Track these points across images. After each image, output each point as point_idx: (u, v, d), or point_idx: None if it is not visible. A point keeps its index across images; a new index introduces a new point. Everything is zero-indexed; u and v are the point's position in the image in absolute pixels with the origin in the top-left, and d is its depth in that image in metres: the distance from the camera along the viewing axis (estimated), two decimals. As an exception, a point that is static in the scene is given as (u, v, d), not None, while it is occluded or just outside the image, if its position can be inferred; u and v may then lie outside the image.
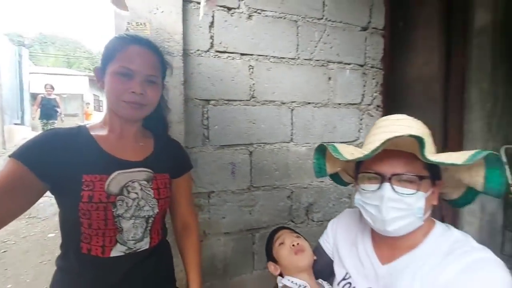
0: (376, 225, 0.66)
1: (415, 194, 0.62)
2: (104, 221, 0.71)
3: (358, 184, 0.71)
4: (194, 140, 1.34)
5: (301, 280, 0.85)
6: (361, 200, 0.70)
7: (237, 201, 1.45)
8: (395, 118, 0.72)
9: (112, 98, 0.75)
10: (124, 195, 0.74)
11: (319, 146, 0.77)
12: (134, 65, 0.74)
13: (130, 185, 0.75)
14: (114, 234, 0.73)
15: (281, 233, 0.98)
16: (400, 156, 0.64)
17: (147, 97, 0.76)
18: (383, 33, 1.72)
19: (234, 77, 1.39)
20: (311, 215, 1.61)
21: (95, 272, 0.73)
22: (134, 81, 0.74)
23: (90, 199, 0.69)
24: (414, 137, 0.57)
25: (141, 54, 0.76)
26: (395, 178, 0.63)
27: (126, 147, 0.79)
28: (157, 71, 0.79)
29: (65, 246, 0.77)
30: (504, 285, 0.53)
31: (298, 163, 1.55)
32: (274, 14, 1.44)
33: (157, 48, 0.83)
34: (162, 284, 0.86)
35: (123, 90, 0.73)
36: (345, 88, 1.64)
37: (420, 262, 0.63)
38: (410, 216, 0.62)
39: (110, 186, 0.72)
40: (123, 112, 0.76)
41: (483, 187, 0.59)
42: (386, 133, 0.67)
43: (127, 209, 0.74)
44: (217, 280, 1.43)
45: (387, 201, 0.62)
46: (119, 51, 0.75)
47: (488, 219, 2.14)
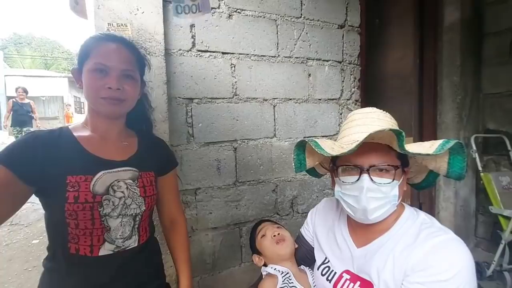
0: (357, 215, 0.70)
1: (391, 183, 0.67)
2: (91, 220, 0.71)
3: (337, 177, 0.74)
4: (179, 138, 1.36)
5: (284, 267, 0.90)
6: (341, 192, 0.73)
7: (224, 197, 1.48)
8: (366, 111, 0.76)
9: (91, 96, 0.75)
10: (110, 194, 0.74)
11: (300, 142, 0.78)
12: (108, 60, 0.74)
13: (115, 184, 0.75)
14: (102, 233, 0.73)
15: (262, 226, 1.03)
16: (376, 148, 0.68)
17: (125, 92, 0.76)
18: (359, 30, 1.79)
19: (217, 75, 1.43)
20: (295, 207, 1.67)
21: (84, 272, 0.73)
22: (110, 77, 0.74)
23: (75, 199, 0.69)
24: (395, 131, 0.61)
25: (115, 50, 0.76)
26: (372, 169, 0.67)
27: (110, 147, 0.79)
28: (133, 66, 0.79)
29: (53, 247, 0.76)
30: (464, 260, 0.60)
31: (281, 158, 1.61)
32: (253, 14, 1.48)
33: (132, 44, 0.82)
34: (152, 280, 0.86)
35: (100, 86, 0.73)
36: (324, 84, 1.70)
37: (392, 244, 0.68)
38: (387, 204, 0.67)
39: (95, 186, 0.72)
40: (103, 109, 0.76)
41: (446, 172, 0.65)
42: (361, 126, 0.71)
43: (113, 208, 0.74)
44: (206, 274, 1.47)
45: (367, 191, 0.66)
46: (93, 49, 0.75)
47: (462, 204, 2.28)
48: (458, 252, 0.61)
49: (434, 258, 0.60)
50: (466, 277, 0.58)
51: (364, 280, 0.70)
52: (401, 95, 2.38)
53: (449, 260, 0.59)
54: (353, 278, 0.73)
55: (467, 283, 0.58)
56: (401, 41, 2.33)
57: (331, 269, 0.80)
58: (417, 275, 0.60)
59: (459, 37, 2.10)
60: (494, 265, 1.85)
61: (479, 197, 2.32)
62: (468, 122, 2.22)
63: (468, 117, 2.22)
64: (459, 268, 0.58)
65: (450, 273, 0.57)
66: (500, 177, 2.02)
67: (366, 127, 0.70)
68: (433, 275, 0.58)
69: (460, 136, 2.21)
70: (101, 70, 0.73)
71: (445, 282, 0.57)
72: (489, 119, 2.25)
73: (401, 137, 0.61)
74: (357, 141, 0.65)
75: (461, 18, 2.07)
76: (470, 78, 2.18)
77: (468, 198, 2.31)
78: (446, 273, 0.58)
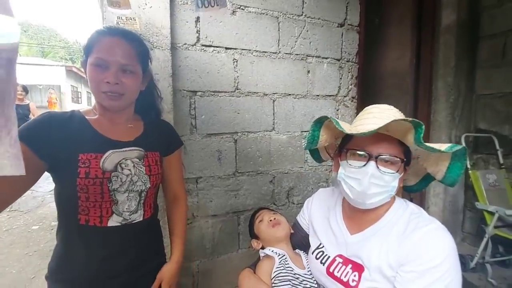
0: (355, 197, 0.74)
1: (394, 174, 0.72)
2: (100, 194, 0.77)
3: (345, 159, 0.77)
4: (183, 129, 1.42)
5: (280, 249, 0.98)
6: (344, 174, 0.76)
7: (224, 186, 1.55)
8: (384, 107, 0.80)
9: (93, 89, 0.80)
10: (118, 171, 0.80)
11: (319, 118, 0.78)
12: (108, 55, 0.77)
13: (123, 162, 0.81)
14: (110, 206, 0.79)
15: (260, 213, 1.10)
16: (387, 140, 0.71)
17: (124, 86, 0.79)
18: (358, 29, 1.85)
19: (220, 69, 1.48)
20: (291, 198, 1.75)
21: (95, 242, 0.80)
22: (109, 72, 0.77)
23: (86, 175, 0.75)
24: (415, 123, 0.63)
25: (114, 45, 0.78)
26: (380, 158, 0.71)
27: (118, 129, 0.85)
28: (132, 60, 0.81)
29: (63, 220, 0.82)
30: (449, 247, 0.67)
31: (280, 150, 1.68)
32: (256, 10, 1.53)
33: (133, 37, 0.84)
34: (153, 256, 0.94)
35: (100, 80, 0.77)
36: (323, 80, 1.76)
37: (386, 232, 0.74)
38: (385, 192, 0.73)
39: (105, 164, 0.78)
40: (104, 103, 0.81)
41: (443, 177, 0.71)
42: (378, 119, 0.74)
43: (121, 184, 0.80)
44: (206, 259, 1.55)
45: (370, 177, 0.70)
46: (96, 43, 0.78)
47: (451, 200, 2.37)
48: (444, 240, 0.67)
49: (423, 247, 0.67)
50: (452, 261, 0.65)
51: (355, 263, 0.76)
52: (397, 93, 2.46)
53: (437, 248, 0.66)
54: (345, 262, 0.79)
55: (454, 266, 0.65)
56: (399, 41, 2.39)
57: (325, 254, 0.85)
58: (411, 265, 0.66)
59: (455, 39, 2.17)
60: (478, 258, 1.96)
61: (468, 194, 2.42)
62: (460, 121, 2.30)
63: (460, 117, 2.30)
64: (445, 254, 0.65)
65: (439, 259, 0.64)
66: (487, 175, 2.11)
67: (383, 121, 0.72)
68: (425, 263, 0.65)
69: (452, 135, 2.29)
70: (101, 64, 0.77)
71: (435, 267, 0.64)
72: (480, 119, 2.33)
73: (420, 130, 0.63)
74: (379, 125, 0.68)
75: (457, 21, 2.14)
76: (464, 79, 2.25)
77: (457, 194, 2.41)
78: (435, 260, 0.64)
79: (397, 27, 2.39)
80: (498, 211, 1.90)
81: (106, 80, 0.77)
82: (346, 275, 0.77)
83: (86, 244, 0.80)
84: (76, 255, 0.80)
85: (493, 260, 1.99)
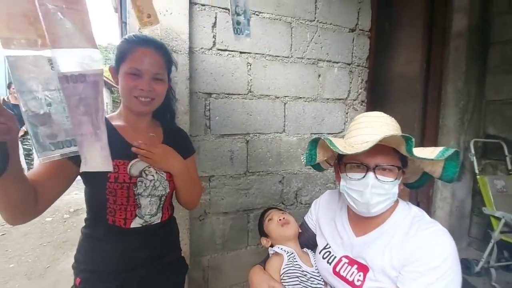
0: (360, 208, 0.78)
1: (393, 181, 0.76)
2: (126, 198, 0.85)
3: (344, 172, 0.80)
4: (197, 129, 1.49)
5: (289, 247, 1.03)
6: (346, 187, 0.79)
7: (235, 185, 1.62)
8: (375, 115, 0.84)
9: (125, 95, 0.87)
10: (143, 177, 0.87)
11: (314, 139, 0.84)
12: (142, 65, 0.83)
13: (147, 169, 0.89)
14: (134, 209, 0.87)
15: (269, 212, 1.16)
16: (382, 150, 0.74)
17: (154, 92, 0.86)
18: (369, 34, 1.88)
19: (234, 73, 1.54)
20: (299, 198, 1.80)
21: (118, 239, 0.88)
22: (142, 80, 0.83)
23: (115, 179, 0.83)
24: (405, 137, 0.68)
25: (148, 55, 0.85)
26: (377, 168, 0.74)
27: (141, 137, 0.91)
28: (162, 69, 0.88)
29: (92, 218, 0.91)
30: (449, 247, 0.71)
31: (289, 152, 1.73)
32: (270, 16, 1.58)
33: (163, 47, 0.92)
34: (170, 252, 1.01)
35: (133, 87, 0.83)
36: (333, 84, 1.80)
37: (390, 235, 0.78)
38: (387, 200, 0.77)
39: (131, 170, 0.86)
40: (135, 108, 0.88)
41: (440, 175, 0.75)
42: (369, 128, 0.79)
43: (145, 188, 0.88)
44: (216, 254, 1.61)
45: (371, 187, 0.73)
46: (129, 53, 0.84)
47: (458, 205, 2.39)
48: (444, 241, 0.71)
49: (425, 248, 0.70)
50: (452, 262, 0.69)
51: (360, 264, 0.81)
52: (406, 98, 2.48)
53: (438, 249, 0.70)
54: (351, 262, 0.83)
55: (453, 266, 0.69)
56: (410, 45, 2.41)
57: (331, 254, 0.90)
58: (413, 265, 0.70)
59: (466, 44, 2.18)
60: (483, 262, 1.98)
61: (475, 199, 2.43)
62: (469, 126, 2.31)
63: (469, 122, 2.31)
64: (446, 254, 0.69)
65: (439, 260, 0.68)
66: (495, 180, 2.13)
67: (375, 130, 0.78)
68: (426, 263, 0.69)
69: (461, 140, 2.31)
70: (135, 73, 0.84)
71: (436, 268, 0.68)
72: (489, 125, 2.34)
73: (410, 143, 0.69)
74: (367, 142, 0.73)
75: (468, 26, 2.15)
76: (474, 84, 2.26)
77: (464, 199, 2.42)
78: (436, 261, 0.68)
79: (408, 31, 2.41)
80: (504, 216, 1.92)
81: (140, 87, 0.84)
82: (352, 275, 0.81)
83: (110, 241, 0.87)
84: (100, 249, 0.88)
85: (498, 264, 2.01)
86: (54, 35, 0.38)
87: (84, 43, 0.39)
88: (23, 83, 0.37)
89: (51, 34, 0.38)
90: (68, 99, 0.37)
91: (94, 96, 0.36)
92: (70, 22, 0.38)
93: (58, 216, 3.94)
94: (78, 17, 0.40)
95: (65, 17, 0.38)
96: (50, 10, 0.37)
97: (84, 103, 0.37)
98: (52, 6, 0.37)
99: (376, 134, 0.75)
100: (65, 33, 0.38)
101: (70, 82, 0.37)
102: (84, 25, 0.40)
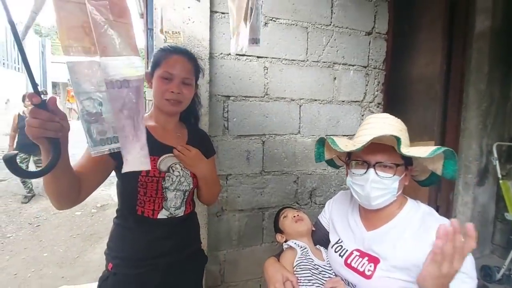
0: (362, 200, 0.86)
1: (392, 177, 0.82)
2: (155, 190, 0.95)
3: (349, 168, 0.90)
4: (216, 130, 1.57)
5: (303, 242, 1.08)
6: (351, 181, 0.88)
7: (251, 184, 1.69)
8: (381, 116, 0.91)
9: (157, 96, 0.97)
10: (170, 172, 0.97)
11: (320, 139, 0.96)
12: (174, 70, 0.94)
13: (174, 165, 0.98)
14: (161, 201, 0.97)
15: (284, 210, 1.22)
16: (383, 148, 0.81)
17: (183, 95, 0.96)
18: (386, 37, 1.89)
19: (251, 76, 1.61)
20: (314, 198, 1.84)
21: (146, 229, 0.97)
22: (173, 83, 0.94)
23: (147, 173, 0.92)
24: (394, 136, 0.76)
25: (180, 61, 0.96)
26: (378, 165, 0.81)
27: (169, 136, 1.02)
28: (191, 75, 0.99)
29: (123, 209, 1.00)
30: None
31: (304, 153, 1.78)
32: (287, 22, 1.64)
33: (193, 56, 1.04)
34: (192, 244, 1.10)
35: (165, 89, 0.94)
36: (348, 87, 1.83)
37: (401, 230, 0.83)
38: (387, 194, 0.83)
39: (160, 165, 0.95)
40: (165, 109, 0.98)
41: (441, 172, 0.81)
42: (374, 129, 0.86)
43: (171, 183, 0.97)
44: (232, 249, 1.69)
45: (371, 182, 0.81)
46: (163, 60, 0.96)
47: (480, 210, 2.32)
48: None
49: None
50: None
51: (371, 256, 0.86)
52: (425, 100, 2.44)
53: None
54: (362, 255, 0.88)
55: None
56: (429, 47, 2.38)
57: (343, 248, 0.95)
58: None
59: (489, 46, 2.12)
60: (504, 269, 1.92)
61: (499, 205, 2.34)
62: (492, 130, 2.24)
63: (492, 125, 2.24)
64: None
65: None
66: (520, 185, 2.05)
67: (377, 130, 0.84)
68: None
69: (483, 143, 2.24)
70: (167, 77, 0.95)
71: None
72: (514, 128, 2.26)
73: (399, 142, 0.76)
74: (367, 140, 0.80)
75: (491, 27, 2.09)
76: (497, 86, 2.19)
77: (487, 205, 2.34)
78: None
79: (428, 33, 2.38)
80: (528, 223, 1.85)
81: (171, 90, 0.94)
82: (363, 266, 0.86)
83: (139, 230, 0.97)
84: (130, 238, 0.98)
85: (522, 273, 1.94)
86: (103, 44, 0.46)
87: (129, 51, 0.47)
88: (80, 85, 0.46)
89: (100, 43, 0.45)
90: (113, 103, 0.45)
91: (136, 100, 0.44)
92: (117, 33, 0.46)
93: (87, 211, 4.20)
94: (123, 29, 0.47)
95: (112, 29, 0.46)
96: (99, 22, 0.45)
97: (128, 106, 0.44)
98: (102, 19, 0.45)
99: (376, 134, 0.80)
100: (111, 42, 0.46)
101: (115, 87, 0.45)
102: (129, 36, 0.48)
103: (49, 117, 0.55)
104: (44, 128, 0.56)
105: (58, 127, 0.57)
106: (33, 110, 0.55)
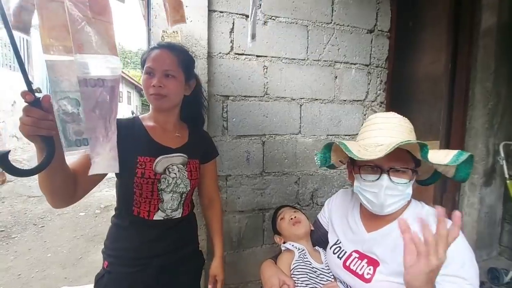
0: (374, 208, 0.81)
1: (407, 183, 0.78)
2: (151, 192, 0.93)
3: (358, 173, 0.83)
4: (215, 131, 1.56)
5: (300, 244, 1.06)
6: (360, 188, 0.83)
7: (251, 184, 1.66)
8: (387, 116, 0.86)
9: (145, 93, 0.96)
10: (166, 174, 0.95)
11: (328, 144, 0.90)
12: (154, 64, 0.92)
13: (170, 167, 0.97)
14: (157, 203, 0.96)
15: (281, 210, 1.20)
16: (396, 152, 0.74)
17: (166, 89, 0.92)
18: (388, 35, 1.85)
19: (250, 76, 1.59)
20: (315, 199, 1.81)
21: (142, 229, 0.96)
22: (154, 77, 0.92)
23: (142, 175, 0.91)
24: (421, 144, 0.71)
25: (160, 55, 0.94)
26: (392, 170, 0.76)
27: (168, 137, 1.01)
28: (174, 67, 0.94)
29: (120, 209, 1.00)
30: (464, 246, 0.73)
31: (305, 153, 1.75)
32: (287, 20, 1.62)
33: (178, 48, 1.00)
34: (188, 244, 1.09)
35: (148, 85, 0.93)
36: (350, 86, 1.80)
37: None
38: (401, 200, 0.79)
39: (156, 167, 0.94)
40: (152, 104, 0.97)
41: (453, 175, 0.77)
42: (383, 130, 0.81)
43: (167, 185, 0.96)
44: (232, 251, 1.67)
45: (385, 189, 0.76)
46: (148, 56, 0.96)
47: (487, 211, 2.26)
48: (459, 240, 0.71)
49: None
50: (469, 252, 0.72)
51: (371, 258, 0.83)
52: (430, 99, 2.39)
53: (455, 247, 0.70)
54: (361, 257, 0.86)
55: (469, 252, 0.72)
56: (434, 44, 2.33)
57: (342, 249, 0.93)
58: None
59: (495, 43, 2.07)
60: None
61: (507, 206, 2.29)
62: (499, 129, 2.19)
63: (499, 124, 2.18)
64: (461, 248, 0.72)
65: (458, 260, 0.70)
66: (528, 186, 1.99)
67: (388, 132, 0.80)
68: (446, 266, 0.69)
69: (490, 143, 2.19)
70: (149, 72, 0.93)
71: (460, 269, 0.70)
72: (523, 127, 2.20)
73: (426, 149, 0.72)
74: (381, 145, 0.75)
75: (498, 24, 2.04)
76: (504, 84, 2.14)
77: (494, 205, 2.29)
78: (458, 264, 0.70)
79: (432, 31, 2.33)
80: (538, 225, 1.79)
81: (152, 84, 0.92)
82: (362, 269, 0.83)
83: (135, 230, 0.96)
84: (125, 237, 0.97)
85: (531, 276, 1.88)
86: (79, 41, 0.44)
87: (106, 50, 0.45)
88: (58, 84, 0.45)
89: (76, 40, 0.43)
90: (85, 102, 0.43)
91: (110, 100, 0.42)
92: (95, 31, 0.44)
93: (90, 212, 4.23)
94: (103, 27, 0.45)
95: (90, 26, 0.44)
96: (77, 19, 0.43)
97: (100, 106, 0.43)
98: (80, 15, 0.43)
99: (390, 137, 0.77)
100: (88, 40, 0.44)
101: (89, 85, 0.43)
102: (108, 35, 0.46)
103: (42, 115, 0.55)
104: (37, 126, 0.55)
105: (51, 125, 0.56)
106: (27, 108, 0.54)
